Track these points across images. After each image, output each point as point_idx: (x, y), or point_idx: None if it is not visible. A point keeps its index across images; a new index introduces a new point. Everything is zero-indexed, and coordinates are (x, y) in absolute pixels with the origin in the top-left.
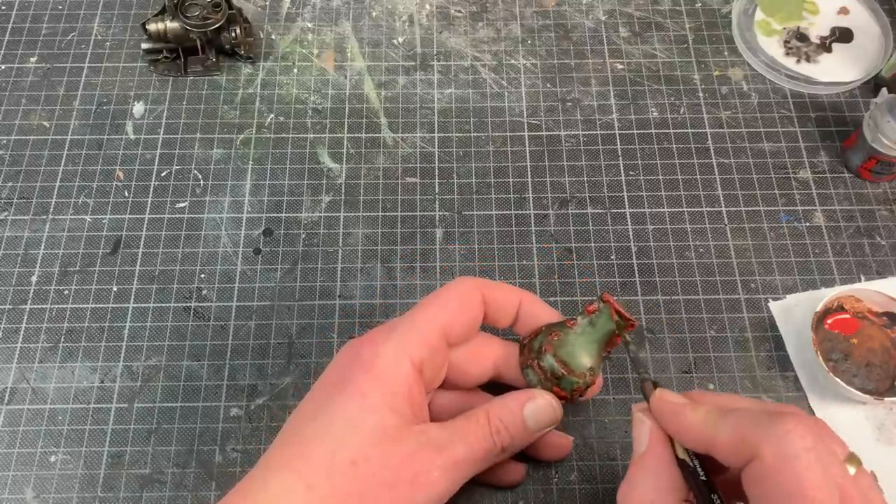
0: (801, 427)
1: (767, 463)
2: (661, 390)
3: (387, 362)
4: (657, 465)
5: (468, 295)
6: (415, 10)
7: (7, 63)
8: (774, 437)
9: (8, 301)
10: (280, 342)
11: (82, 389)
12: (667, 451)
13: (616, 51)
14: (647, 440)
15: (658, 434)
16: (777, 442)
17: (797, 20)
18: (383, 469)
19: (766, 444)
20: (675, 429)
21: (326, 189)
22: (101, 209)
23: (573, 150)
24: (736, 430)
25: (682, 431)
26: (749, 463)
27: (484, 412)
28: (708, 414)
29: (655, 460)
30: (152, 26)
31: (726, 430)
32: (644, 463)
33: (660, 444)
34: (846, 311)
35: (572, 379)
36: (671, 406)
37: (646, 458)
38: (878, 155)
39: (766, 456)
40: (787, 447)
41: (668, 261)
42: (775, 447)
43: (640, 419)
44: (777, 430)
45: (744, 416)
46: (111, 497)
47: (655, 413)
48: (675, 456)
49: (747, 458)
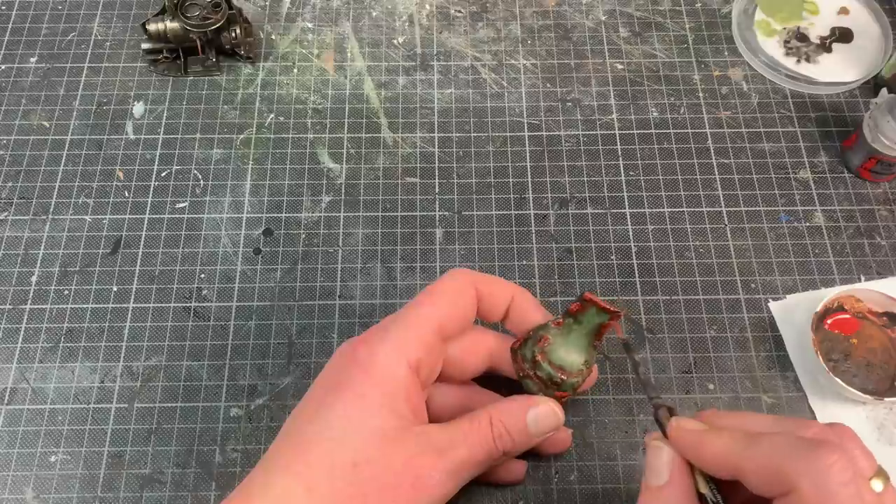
0: (843, 461)
1: (806, 498)
2: (679, 418)
3: (384, 364)
4: (679, 498)
5: (462, 290)
6: (415, 10)
7: (7, 63)
8: (814, 471)
9: (8, 301)
10: (280, 342)
11: (82, 389)
12: (689, 483)
13: (616, 51)
14: (668, 471)
15: (680, 465)
16: (817, 476)
17: (797, 20)
18: (385, 471)
19: (805, 477)
20: (699, 458)
21: (326, 189)
22: (101, 209)
23: (573, 150)
24: (771, 459)
25: (707, 460)
26: (784, 496)
27: (487, 415)
28: (734, 441)
29: (678, 493)
30: (152, 26)
31: (758, 458)
32: (664, 496)
33: (682, 476)
34: (846, 311)
35: (571, 380)
36: (692, 434)
37: (666, 491)
38: (878, 155)
39: (804, 490)
40: (827, 482)
41: (668, 261)
42: (814, 482)
43: (659, 447)
44: (817, 464)
45: (780, 444)
46: (111, 497)
47: (675, 443)
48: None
49: (782, 491)
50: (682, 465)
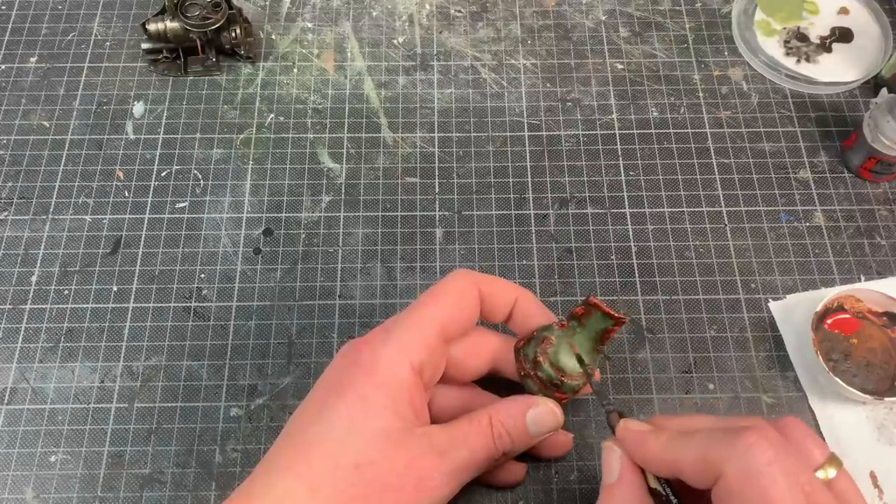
0: (762, 441)
1: (732, 481)
2: (626, 420)
3: (386, 365)
4: (629, 494)
5: (465, 291)
6: (415, 10)
7: (7, 63)
8: (736, 454)
9: (8, 301)
10: (280, 342)
11: (82, 389)
12: (637, 479)
13: (616, 51)
14: (619, 469)
15: (628, 463)
16: (739, 459)
17: (797, 20)
18: (387, 473)
19: (728, 462)
20: (641, 456)
21: (326, 189)
22: (101, 209)
23: (573, 150)
24: (699, 450)
25: (648, 459)
26: (716, 483)
27: (486, 416)
28: (670, 439)
29: (627, 489)
30: (152, 26)
31: (690, 452)
32: (614, 493)
33: (630, 472)
34: (846, 311)
35: (571, 383)
36: (635, 434)
37: (616, 487)
38: (878, 155)
39: (729, 474)
40: (749, 463)
41: (668, 261)
42: (738, 464)
43: (610, 447)
44: (738, 447)
45: (705, 437)
46: (111, 497)
47: (622, 443)
48: (647, 486)
49: (713, 479)
50: (630, 463)
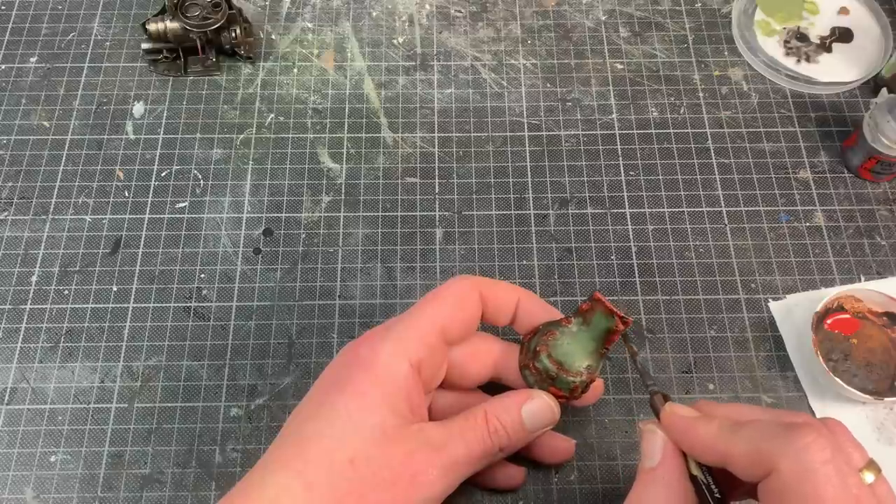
0: (820, 440)
1: (786, 477)
2: (672, 404)
3: (385, 362)
4: (670, 479)
5: (466, 293)
6: (415, 10)
7: (7, 63)
8: (793, 451)
9: (8, 301)
10: (280, 342)
11: (82, 389)
12: (680, 464)
13: (616, 51)
14: (660, 453)
15: (671, 447)
16: (795, 455)
17: (797, 20)
18: (383, 468)
19: (783, 458)
20: (688, 443)
21: (326, 189)
22: (101, 209)
23: (573, 150)
24: (752, 443)
25: (696, 446)
26: (766, 477)
27: (482, 411)
28: (721, 427)
29: (668, 474)
30: (152, 26)
31: (742, 443)
32: (656, 477)
33: (673, 457)
34: (846, 311)
35: (567, 378)
36: (683, 420)
37: (658, 471)
38: (878, 155)
39: (784, 470)
40: (805, 461)
41: (668, 261)
42: (793, 461)
43: (652, 430)
44: (795, 444)
45: (759, 429)
46: (111, 497)
47: (666, 428)
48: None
49: (765, 473)
50: (673, 448)
